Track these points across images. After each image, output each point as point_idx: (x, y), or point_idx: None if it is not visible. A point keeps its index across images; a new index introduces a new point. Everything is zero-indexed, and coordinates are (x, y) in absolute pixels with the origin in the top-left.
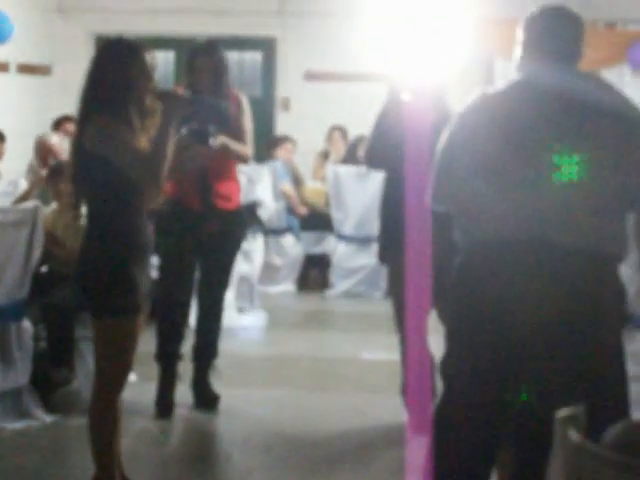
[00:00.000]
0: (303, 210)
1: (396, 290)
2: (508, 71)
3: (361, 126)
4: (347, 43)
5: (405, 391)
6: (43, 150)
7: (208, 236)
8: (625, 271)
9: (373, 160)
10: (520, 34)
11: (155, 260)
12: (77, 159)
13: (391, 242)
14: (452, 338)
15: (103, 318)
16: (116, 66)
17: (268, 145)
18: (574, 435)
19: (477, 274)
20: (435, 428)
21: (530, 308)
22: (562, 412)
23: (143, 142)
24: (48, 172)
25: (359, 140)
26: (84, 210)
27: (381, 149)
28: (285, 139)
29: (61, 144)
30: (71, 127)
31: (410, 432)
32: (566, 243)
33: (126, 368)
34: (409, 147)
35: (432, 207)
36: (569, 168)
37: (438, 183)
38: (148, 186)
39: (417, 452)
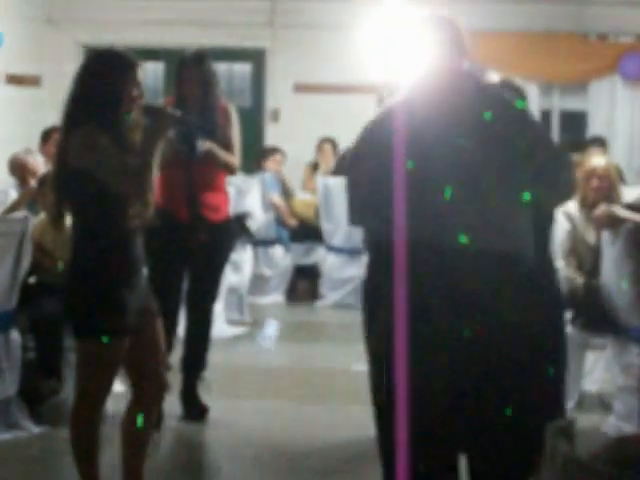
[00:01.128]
0: (293, 221)
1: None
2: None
3: (351, 138)
4: (337, 55)
5: None
6: (19, 170)
7: (196, 247)
8: (618, 283)
9: None
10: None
11: (143, 271)
12: (60, 170)
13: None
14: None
15: (85, 339)
16: (106, 76)
17: (258, 157)
18: (565, 448)
19: (382, 279)
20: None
21: (435, 312)
22: (553, 424)
23: (129, 156)
24: (37, 183)
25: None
26: (68, 221)
27: None
28: (274, 151)
29: (35, 162)
30: None
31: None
32: (468, 245)
33: (106, 388)
34: (395, 158)
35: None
36: (468, 172)
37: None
38: (132, 198)
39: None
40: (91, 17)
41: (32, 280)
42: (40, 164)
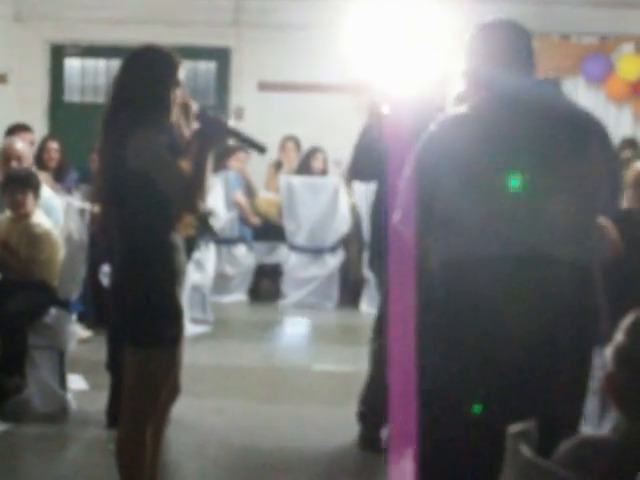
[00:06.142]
0: (255, 220)
1: (382, 299)
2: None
3: (315, 136)
4: (301, 54)
5: (363, 403)
6: (6, 155)
7: None
8: None
9: (357, 172)
10: (473, 44)
11: (106, 268)
12: (114, 175)
13: (380, 251)
14: (434, 354)
15: (147, 348)
16: (153, 75)
17: (220, 155)
18: (525, 451)
19: (459, 292)
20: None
21: (514, 322)
22: (513, 427)
23: (185, 163)
24: (4, 180)
25: (313, 152)
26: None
27: (366, 161)
28: (237, 149)
29: (23, 148)
30: (26, 136)
31: (394, 445)
32: (545, 255)
33: (160, 397)
34: (391, 160)
35: (400, 228)
36: (542, 182)
37: (408, 205)
38: (183, 210)
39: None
40: (58, 15)
41: None
42: (28, 152)
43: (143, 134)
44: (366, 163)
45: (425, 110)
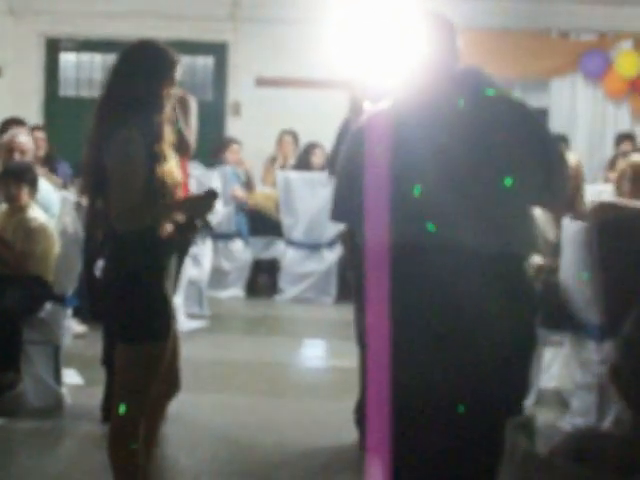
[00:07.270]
0: (252, 202)
1: (359, 298)
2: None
3: (312, 132)
4: (299, 49)
5: (360, 409)
6: (9, 147)
7: None
8: (578, 280)
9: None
10: (401, 38)
11: (102, 263)
12: (97, 172)
13: (357, 249)
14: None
15: (136, 344)
16: (148, 70)
17: (215, 149)
18: (524, 443)
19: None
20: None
21: (437, 313)
22: (513, 420)
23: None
24: (1, 173)
25: (311, 147)
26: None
27: None
28: (230, 141)
29: (26, 141)
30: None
31: (369, 451)
32: (469, 246)
33: (150, 391)
34: (369, 155)
35: (334, 221)
36: (469, 172)
37: (340, 199)
38: (119, 220)
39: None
40: (52, 8)
41: None
42: (31, 145)
43: (125, 133)
44: None
45: None
